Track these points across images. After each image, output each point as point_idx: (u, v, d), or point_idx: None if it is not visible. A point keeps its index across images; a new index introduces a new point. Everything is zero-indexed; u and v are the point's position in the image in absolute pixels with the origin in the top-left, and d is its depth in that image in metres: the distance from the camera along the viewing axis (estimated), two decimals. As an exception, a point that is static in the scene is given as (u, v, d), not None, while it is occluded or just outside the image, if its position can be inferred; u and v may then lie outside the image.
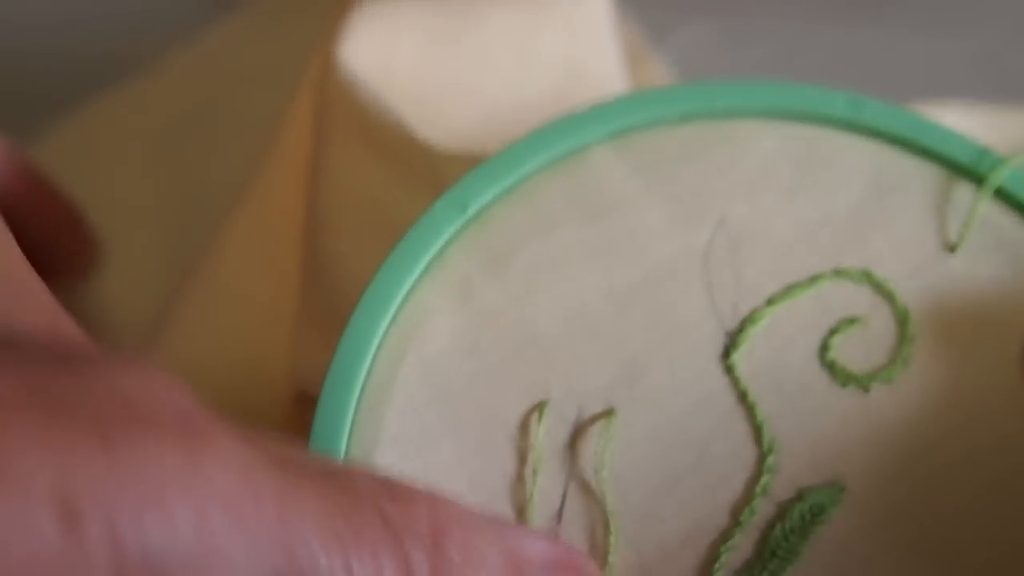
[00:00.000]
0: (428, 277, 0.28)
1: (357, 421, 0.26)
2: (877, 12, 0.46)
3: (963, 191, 0.29)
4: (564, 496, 0.26)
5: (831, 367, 0.27)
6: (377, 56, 0.35)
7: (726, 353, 0.27)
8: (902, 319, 0.28)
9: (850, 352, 0.28)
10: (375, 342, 0.27)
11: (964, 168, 0.29)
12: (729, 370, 0.27)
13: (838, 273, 0.28)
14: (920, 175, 0.29)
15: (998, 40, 0.45)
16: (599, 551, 0.26)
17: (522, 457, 0.27)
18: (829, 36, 0.28)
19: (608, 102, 0.29)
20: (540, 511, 0.26)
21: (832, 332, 0.28)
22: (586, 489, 0.27)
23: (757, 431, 0.27)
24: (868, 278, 0.28)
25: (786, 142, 0.29)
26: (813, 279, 0.28)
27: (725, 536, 0.26)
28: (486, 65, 0.37)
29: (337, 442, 0.26)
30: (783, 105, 0.29)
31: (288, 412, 0.36)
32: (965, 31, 0.45)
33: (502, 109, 0.36)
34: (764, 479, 0.27)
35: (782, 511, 0.27)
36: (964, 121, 0.32)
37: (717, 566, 0.26)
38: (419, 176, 0.32)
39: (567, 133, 0.28)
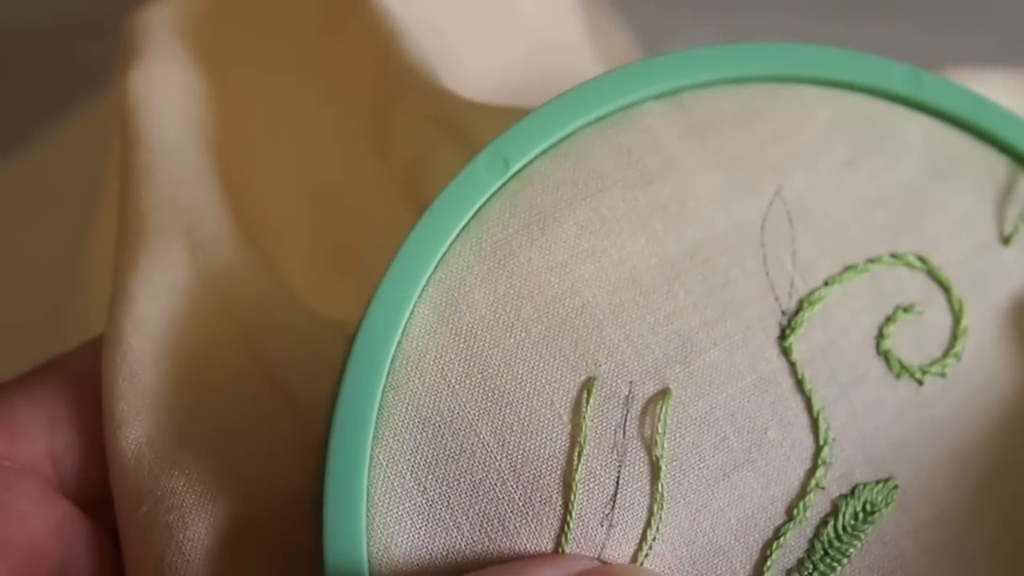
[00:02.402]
0: (464, 239, 0.25)
1: (385, 399, 0.24)
2: (877, 11, 0.46)
3: (1022, 179, 0.27)
4: (618, 482, 0.24)
5: (886, 356, 0.26)
6: None
7: (782, 335, 0.25)
8: (957, 311, 0.26)
9: (904, 342, 0.26)
10: (406, 312, 0.24)
11: (1022, 154, 0.27)
12: (786, 353, 0.25)
13: (895, 257, 0.26)
14: (976, 158, 0.27)
15: (998, 39, 0.44)
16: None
17: (571, 437, 0.24)
18: (829, 36, 0.27)
19: (662, 58, 0.26)
20: (592, 497, 0.24)
21: (888, 320, 0.26)
22: (639, 474, 0.24)
23: (814, 421, 0.25)
24: (925, 265, 0.26)
25: (843, 113, 0.27)
26: (870, 261, 0.26)
27: (778, 532, 0.24)
28: (477, 21, 0.34)
29: (364, 423, 0.23)
30: (841, 74, 0.27)
31: None
32: (966, 29, 0.45)
33: (486, 67, 0.34)
34: (819, 472, 0.25)
35: (835, 508, 0.25)
36: (1003, 91, 0.30)
37: (768, 564, 0.24)
38: (442, 124, 0.29)
39: (619, 88, 0.26)
